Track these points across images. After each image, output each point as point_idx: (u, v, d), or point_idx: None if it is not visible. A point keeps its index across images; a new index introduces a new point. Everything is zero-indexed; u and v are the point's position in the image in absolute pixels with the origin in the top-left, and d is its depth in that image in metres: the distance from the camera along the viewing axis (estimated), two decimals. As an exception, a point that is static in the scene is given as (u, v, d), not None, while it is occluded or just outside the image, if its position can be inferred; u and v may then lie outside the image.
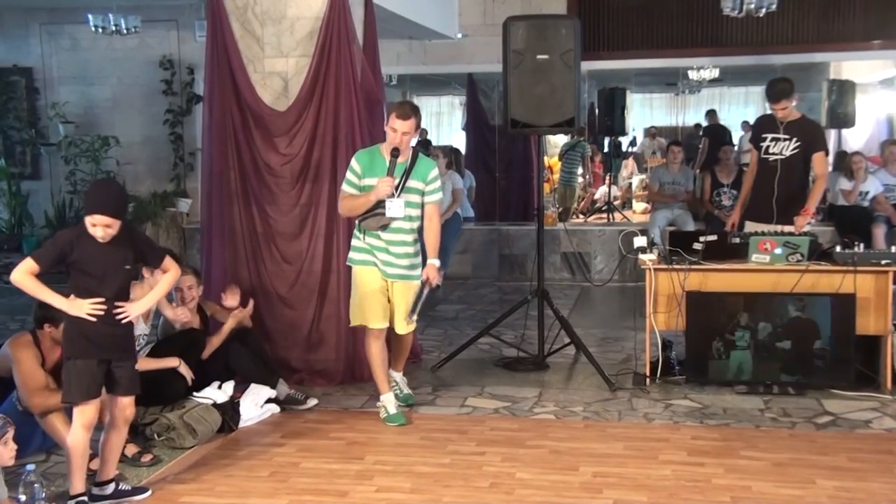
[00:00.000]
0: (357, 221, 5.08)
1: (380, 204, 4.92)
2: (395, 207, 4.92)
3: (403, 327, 5.15)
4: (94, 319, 3.79)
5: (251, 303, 5.52)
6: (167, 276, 4.12)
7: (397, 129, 4.88)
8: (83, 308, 3.78)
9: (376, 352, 5.11)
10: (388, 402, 5.14)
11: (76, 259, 3.78)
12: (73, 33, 10.70)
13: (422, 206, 5.08)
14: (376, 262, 5.04)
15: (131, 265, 3.94)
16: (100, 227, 3.77)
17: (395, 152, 4.89)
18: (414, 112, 4.93)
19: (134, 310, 3.95)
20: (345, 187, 5.06)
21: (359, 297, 5.09)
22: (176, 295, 5.24)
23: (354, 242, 5.14)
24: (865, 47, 10.68)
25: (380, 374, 5.15)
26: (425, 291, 5.02)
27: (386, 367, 5.21)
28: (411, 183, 5.00)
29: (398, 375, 5.49)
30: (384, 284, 5.07)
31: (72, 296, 3.82)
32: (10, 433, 3.58)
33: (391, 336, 5.24)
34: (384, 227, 4.98)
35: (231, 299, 5.46)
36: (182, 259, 7.26)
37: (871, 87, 12.54)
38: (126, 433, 4.15)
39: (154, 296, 4.17)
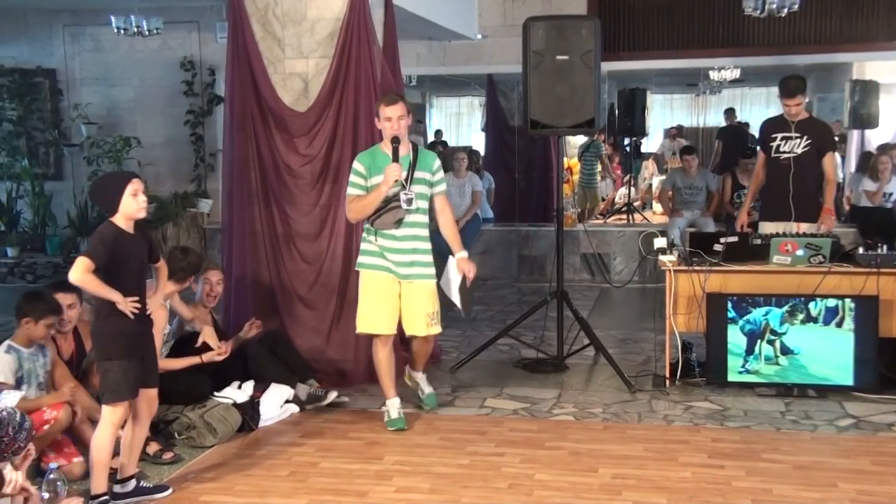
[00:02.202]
0: (368, 223, 4.99)
1: (391, 200, 4.85)
2: (409, 196, 4.85)
3: (424, 329, 5.05)
4: (133, 317, 3.84)
5: (256, 328, 5.53)
6: (163, 267, 4.20)
7: (391, 117, 4.82)
8: (129, 304, 3.82)
9: (384, 358, 5.05)
10: (392, 407, 5.06)
11: (117, 255, 3.80)
12: (95, 35, 10.79)
13: (430, 199, 5.06)
14: (388, 266, 4.94)
15: (146, 260, 4.02)
16: (141, 194, 3.86)
17: (396, 140, 4.82)
18: (399, 97, 4.95)
19: (154, 303, 4.07)
20: (351, 191, 4.95)
21: (368, 303, 4.98)
22: (203, 287, 5.29)
23: (364, 246, 5.04)
24: (889, 47, 10.58)
25: (386, 380, 5.08)
26: (467, 284, 5.03)
27: (393, 373, 5.11)
28: (419, 174, 4.95)
29: (419, 375, 5.39)
30: (396, 289, 4.97)
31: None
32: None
33: (413, 345, 5.20)
34: (399, 223, 4.88)
35: (252, 330, 5.52)
36: (204, 259, 7.30)
37: (894, 87, 12.41)
38: (148, 428, 4.19)
39: (163, 286, 4.21)
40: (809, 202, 6.12)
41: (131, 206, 3.87)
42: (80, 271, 3.73)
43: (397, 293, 4.97)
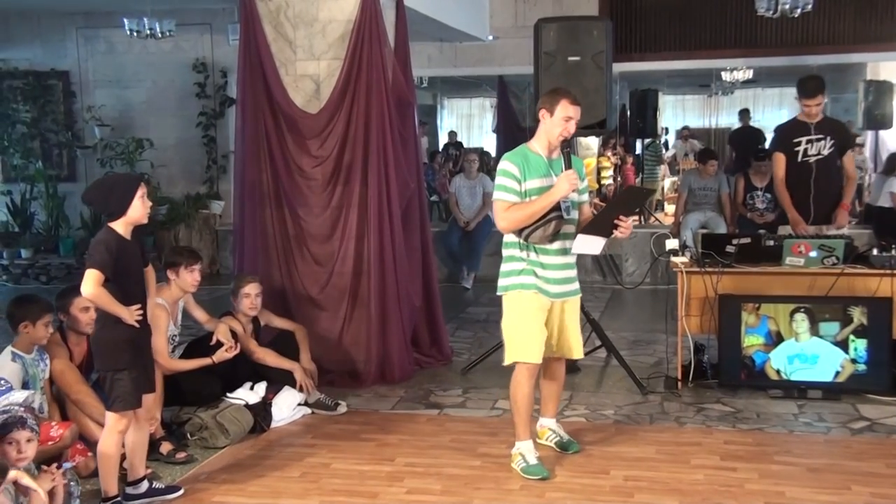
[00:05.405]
0: (520, 238, 4.36)
1: (552, 209, 4.25)
2: (567, 204, 4.31)
3: (580, 350, 4.57)
4: (138, 325, 3.83)
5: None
6: (151, 272, 4.10)
7: (573, 117, 4.24)
8: (133, 315, 3.80)
9: (528, 393, 4.36)
10: (528, 451, 4.37)
11: (121, 263, 3.76)
12: (108, 37, 10.87)
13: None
14: (540, 285, 4.34)
15: (143, 265, 3.99)
16: (146, 198, 3.82)
17: (567, 144, 4.31)
18: None
19: (150, 308, 4.01)
20: (506, 196, 4.27)
21: (525, 328, 4.35)
22: (244, 301, 5.30)
23: (512, 265, 4.43)
24: (903, 48, 10.54)
25: (525, 419, 4.39)
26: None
27: (532, 410, 4.46)
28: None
29: (553, 422, 4.74)
30: (546, 312, 4.38)
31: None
32: (21, 434, 3.48)
33: (545, 375, 4.63)
34: (556, 235, 4.32)
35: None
36: (216, 262, 7.32)
37: (908, 87, 12.36)
38: (147, 430, 4.18)
39: (153, 291, 4.14)
40: (830, 204, 6.10)
41: (139, 211, 3.80)
42: (93, 285, 3.68)
43: (546, 316, 4.41)
